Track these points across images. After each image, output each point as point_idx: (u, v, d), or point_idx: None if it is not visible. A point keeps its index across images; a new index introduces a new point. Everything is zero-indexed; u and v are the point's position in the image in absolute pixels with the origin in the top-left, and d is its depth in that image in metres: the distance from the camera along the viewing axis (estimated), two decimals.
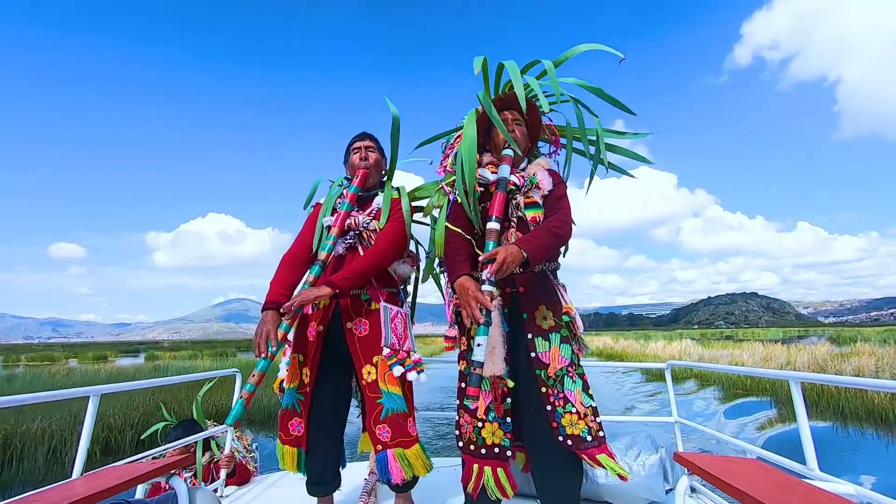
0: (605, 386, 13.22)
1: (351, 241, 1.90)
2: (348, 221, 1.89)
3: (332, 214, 1.94)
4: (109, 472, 1.37)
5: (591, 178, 2.01)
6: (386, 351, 1.76)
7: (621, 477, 1.60)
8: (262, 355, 1.62)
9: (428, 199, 2.08)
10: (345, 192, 1.98)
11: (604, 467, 1.60)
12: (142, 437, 2.59)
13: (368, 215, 1.94)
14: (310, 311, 1.88)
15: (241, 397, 1.59)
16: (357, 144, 2.04)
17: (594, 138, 1.97)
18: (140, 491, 1.85)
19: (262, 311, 1.75)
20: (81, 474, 1.50)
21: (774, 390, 9.80)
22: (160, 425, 2.91)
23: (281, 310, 1.70)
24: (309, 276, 1.80)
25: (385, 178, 2.13)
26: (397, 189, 2.06)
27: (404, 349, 1.82)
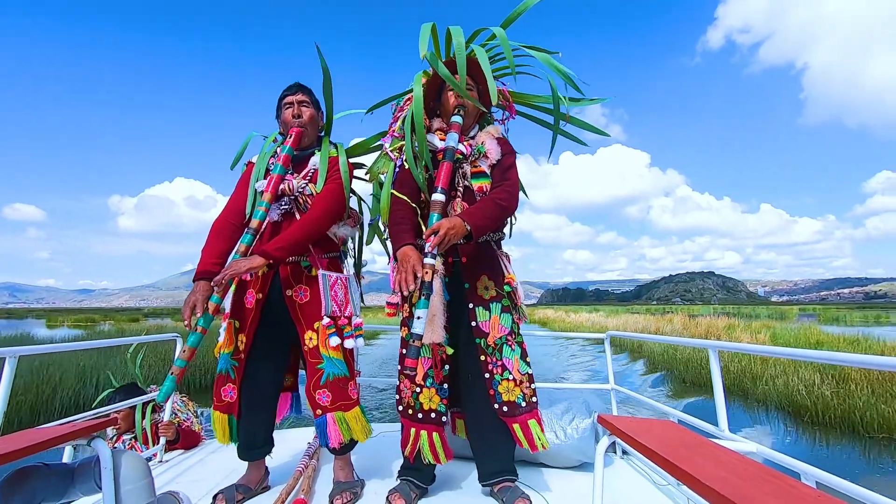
0: (544, 358, 13.94)
1: (286, 206, 1.82)
2: (282, 186, 1.80)
3: (265, 177, 1.84)
4: (27, 434, 1.32)
5: (552, 147, 1.98)
6: (326, 320, 1.74)
7: (543, 446, 1.69)
8: (187, 325, 1.59)
9: (373, 161, 2.03)
10: (278, 152, 1.86)
11: (529, 438, 1.68)
12: (93, 406, 2.52)
13: (304, 178, 1.84)
14: (248, 278, 1.82)
15: (171, 373, 1.55)
16: (289, 99, 1.89)
17: (550, 106, 1.95)
18: (67, 454, 1.80)
19: (193, 281, 1.69)
20: None
21: (759, 393, 10.53)
22: (108, 392, 2.83)
23: (212, 282, 1.64)
24: (240, 245, 1.72)
25: (322, 134, 2.01)
26: (335, 146, 1.95)
27: (345, 315, 1.81)
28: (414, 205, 1.76)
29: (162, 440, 2.39)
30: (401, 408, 1.79)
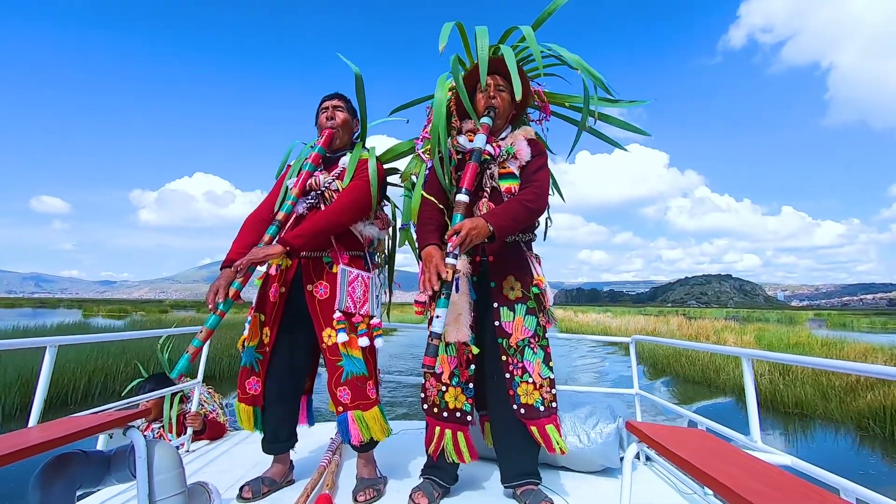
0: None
1: (312, 201, 1.87)
2: (309, 181, 1.86)
3: (298, 176, 1.90)
4: (66, 422, 1.36)
5: (575, 144, 1.94)
6: (337, 314, 1.76)
7: (561, 450, 1.68)
8: (211, 308, 1.64)
9: (406, 164, 2.05)
10: (311, 153, 1.94)
11: (547, 441, 1.67)
12: (122, 394, 2.59)
13: (332, 175, 1.90)
14: (273, 272, 1.87)
15: (187, 352, 1.59)
16: (325, 104, 1.99)
17: (583, 105, 1.93)
18: (101, 441, 1.86)
19: (220, 269, 1.75)
20: (38, 423, 1.50)
21: (675, 370, 11.30)
22: (138, 381, 2.91)
23: (233, 267, 1.69)
24: (266, 236, 1.78)
25: (357, 140, 2.08)
26: (367, 150, 2.00)
27: (361, 313, 1.82)
28: (441, 206, 1.77)
29: (189, 430, 2.45)
30: (426, 406, 1.79)
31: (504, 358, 1.71)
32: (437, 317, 1.49)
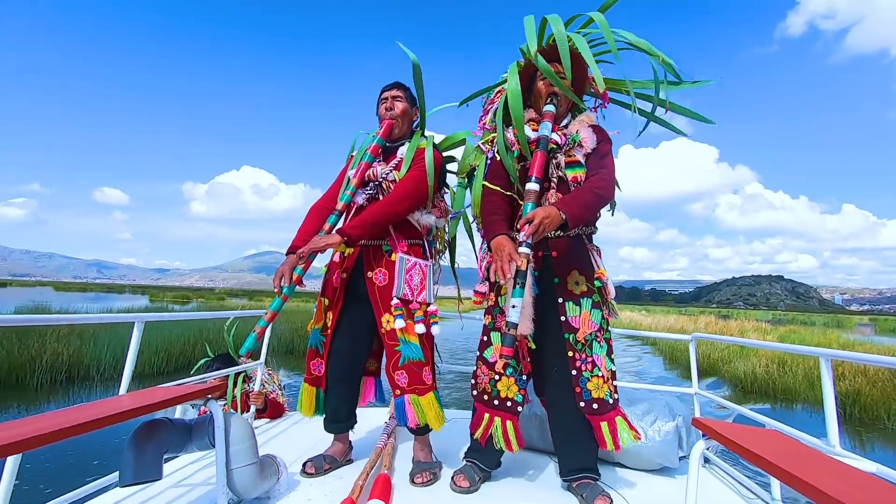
0: None
1: (371, 191, 1.92)
2: (368, 172, 1.91)
3: (358, 167, 1.95)
4: (153, 392, 1.47)
5: (641, 132, 1.87)
6: (395, 301, 1.80)
7: (633, 440, 1.66)
8: (277, 291, 1.74)
9: (463, 154, 2.05)
10: (371, 143, 1.98)
11: (615, 437, 1.65)
12: (192, 372, 2.76)
13: (390, 166, 1.93)
14: (336, 259, 1.95)
15: (254, 331, 1.71)
16: (384, 95, 2.01)
17: (644, 91, 1.87)
18: (179, 411, 1.99)
19: (285, 255, 1.85)
20: (127, 392, 1.63)
21: (721, 372, 11.33)
22: (204, 360, 3.08)
23: (295, 254, 1.77)
24: (326, 225, 1.86)
25: (417, 129, 2.09)
26: (426, 138, 2.02)
27: (418, 300, 1.85)
28: (508, 194, 1.76)
29: (252, 408, 2.58)
30: (475, 392, 1.81)
31: (570, 354, 1.70)
32: (514, 307, 1.47)
